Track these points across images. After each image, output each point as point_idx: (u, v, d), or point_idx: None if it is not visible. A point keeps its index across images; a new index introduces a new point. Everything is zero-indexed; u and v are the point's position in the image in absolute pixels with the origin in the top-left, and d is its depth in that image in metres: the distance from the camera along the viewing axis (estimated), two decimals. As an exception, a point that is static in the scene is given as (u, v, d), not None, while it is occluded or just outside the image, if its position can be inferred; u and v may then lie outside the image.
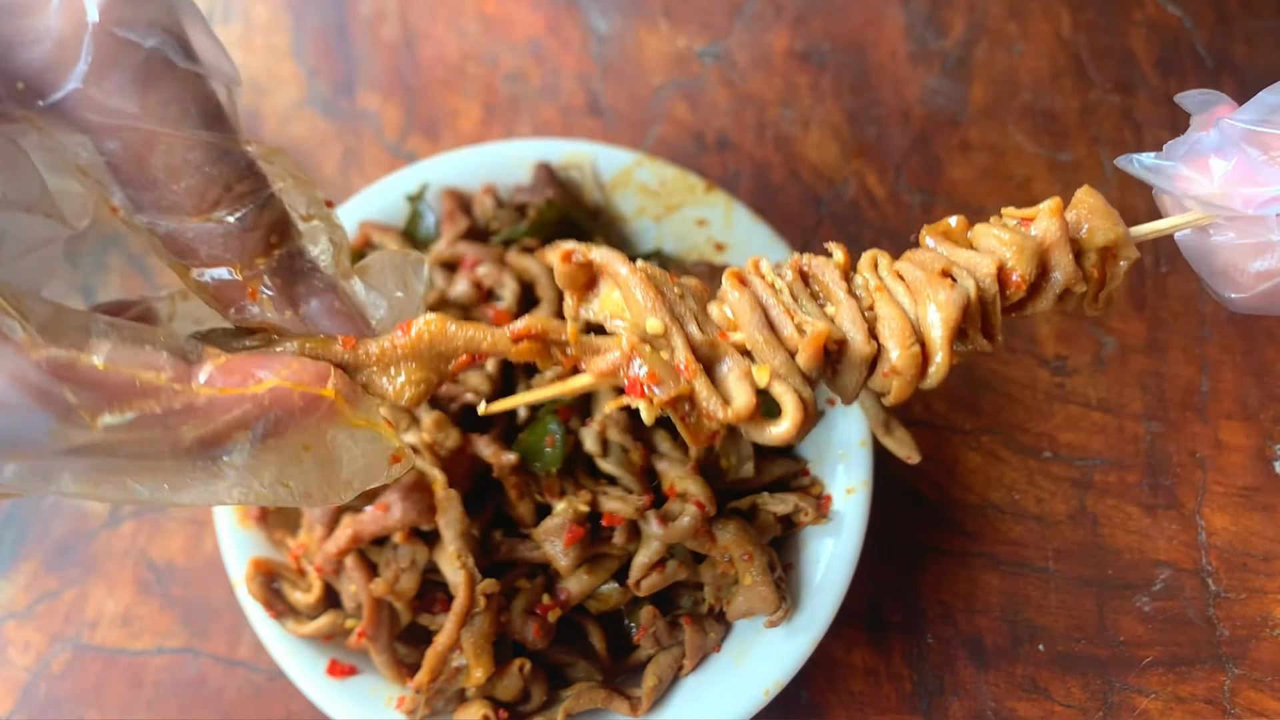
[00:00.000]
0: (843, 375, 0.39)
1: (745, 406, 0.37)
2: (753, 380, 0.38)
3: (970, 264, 0.40)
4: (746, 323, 0.38)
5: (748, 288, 0.39)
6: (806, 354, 0.38)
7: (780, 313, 0.39)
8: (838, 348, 0.39)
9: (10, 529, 0.70)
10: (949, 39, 0.82)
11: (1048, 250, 0.40)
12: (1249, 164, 0.39)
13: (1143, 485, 0.69)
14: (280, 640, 0.59)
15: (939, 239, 0.41)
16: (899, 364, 0.38)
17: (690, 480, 0.56)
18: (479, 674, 0.54)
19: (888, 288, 0.39)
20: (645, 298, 0.38)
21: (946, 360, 0.38)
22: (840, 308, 0.39)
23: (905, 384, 0.38)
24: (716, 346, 0.38)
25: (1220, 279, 0.42)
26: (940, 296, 0.38)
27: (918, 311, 0.39)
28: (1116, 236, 0.40)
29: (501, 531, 0.58)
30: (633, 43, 0.83)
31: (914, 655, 0.66)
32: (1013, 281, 0.39)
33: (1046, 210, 0.40)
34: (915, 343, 0.38)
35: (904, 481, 0.69)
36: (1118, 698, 0.64)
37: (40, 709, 0.66)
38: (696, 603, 0.60)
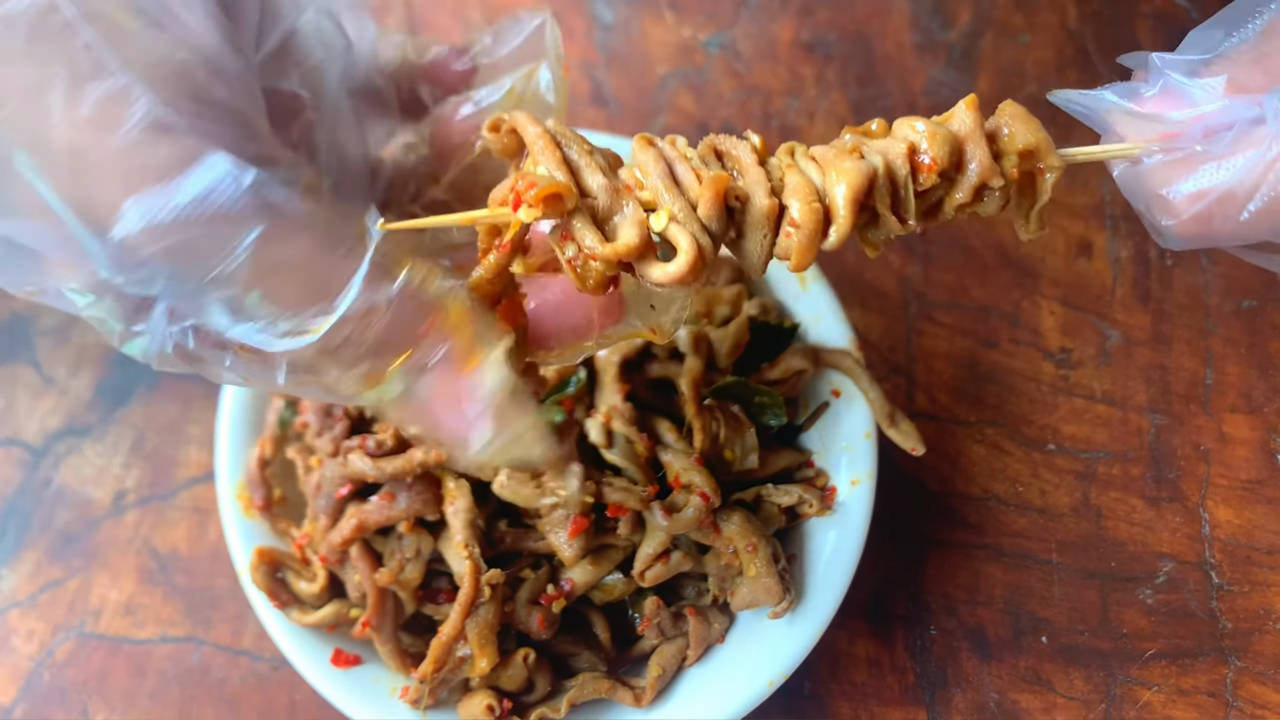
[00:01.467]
0: (747, 238, 0.39)
1: (626, 245, 0.37)
2: (645, 224, 0.37)
3: (882, 146, 0.39)
4: (649, 174, 0.38)
5: (654, 147, 0.39)
6: (706, 199, 0.37)
7: (686, 170, 0.38)
8: (740, 204, 0.38)
9: (14, 518, 0.70)
10: (955, 30, 0.82)
11: (963, 141, 0.39)
12: (1175, 88, 0.39)
13: (1146, 478, 0.69)
14: (285, 630, 0.59)
15: (857, 135, 0.41)
16: (799, 217, 0.38)
17: (695, 471, 0.56)
18: (483, 664, 0.54)
19: (798, 166, 0.39)
20: (544, 152, 0.38)
21: (849, 219, 0.38)
22: (748, 174, 0.39)
23: (806, 239, 0.38)
24: (619, 194, 0.38)
25: (1155, 206, 0.41)
26: (846, 164, 0.38)
27: (824, 182, 0.39)
28: (1038, 140, 0.39)
29: (506, 522, 0.58)
30: (637, 33, 0.83)
31: (917, 647, 0.66)
32: (924, 165, 0.39)
33: (962, 105, 0.40)
34: (817, 200, 0.38)
35: (908, 474, 0.69)
36: (1120, 690, 0.64)
37: (44, 698, 0.66)
38: (701, 594, 0.60)
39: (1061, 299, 0.74)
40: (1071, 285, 0.74)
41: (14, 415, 0.73)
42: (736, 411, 0.60)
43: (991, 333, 0.73)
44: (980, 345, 0.73)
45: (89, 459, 0.72)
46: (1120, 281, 0.74)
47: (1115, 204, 0.76)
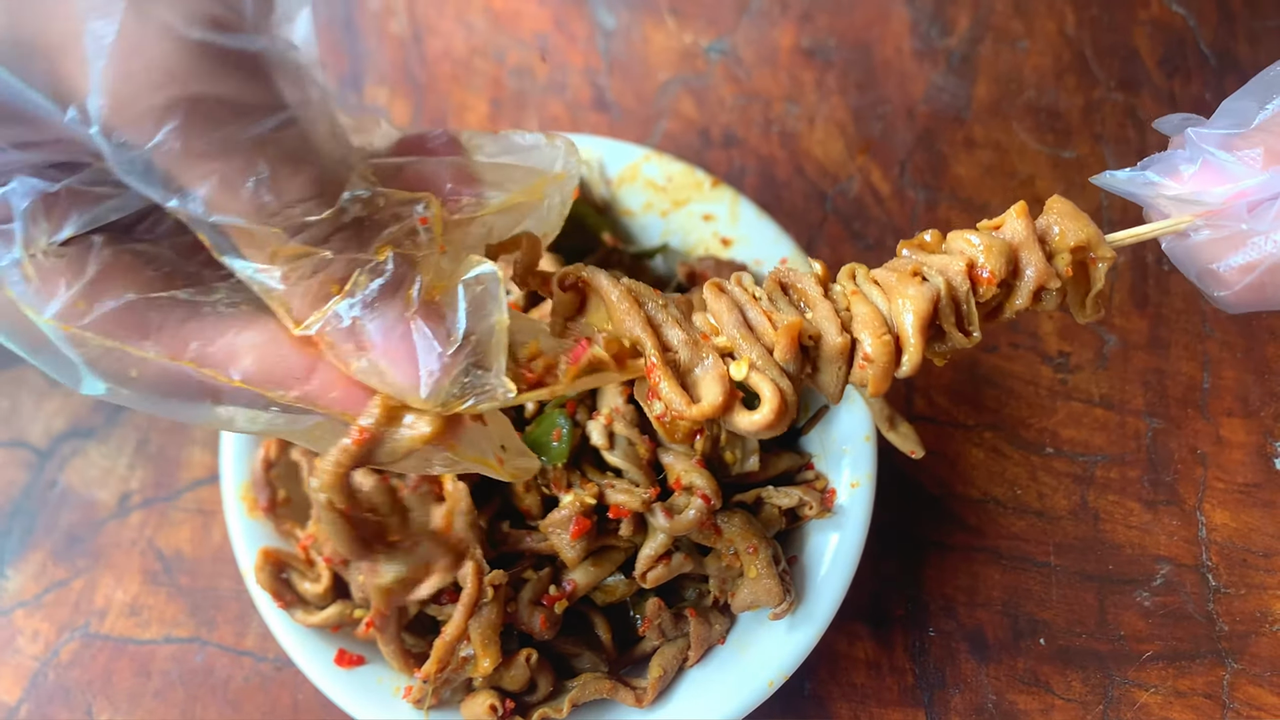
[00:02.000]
0: (822, 371, 0.41)
1: (711, 405, 0.38)
2: (728, 378, 0.39)
3: (941, 264, 0.41)
4: (725, 323, 0.40)
5: (726, 294, 0.41)
6: (782, 345, 0.39)
7: (758, 314, 0.40)
8: (813, 342, 0.40)
9: (19, 519, 0.71)
10: (954, 36, 0.83)
11: (1017, 249, 0.41)
12: (1215, 164, 0.40)
13: (1144, 481, 0.70)
14: (289, 630, 0.59)
15: (914, 249, 0.43)
16: (872, 351, 0.39)
17: (696, 473, 0.57)
18: (486, 664, 0.54)
19: (863, 291, 0.41)
20: (623, 307, 0.40)
21: (919, 347, 0.39)
22: (817, 308, 0.41)
23: (881, 371, 0.40)
24: (698, 346, 0.40)
25: (1207, 279, 0.42)
26: (910, 291, 0.40)
27: (891, 308, 0.40)
28: (1088, 236, 0.41)
29: (509, 523, 0.59)
30: (639, 38, 0.84)
31: (916, 648, 0.66)
32: (983, 279, 0.40)
33: (1013, 213, 0.42)
34: (887, 332, 0.40)
35: (907, 476, 0.70)
36: (1118, 691, 0.65)
37: (49, 697, 0.66)
38: (701, 595, 0.61)
39: (1060, 303, 0.74)
40: (1069, 290, 0.75)
41: (19, 417, 0.74)
42: (737, 414, 0.61)
43: (990, 337, 0.73)
44: (979, 349, 0.73)
45: (94, 460, 0.72)
46: (1118, 286, 0.75)
47: (1113, 209, 0.77)
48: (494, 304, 0.36)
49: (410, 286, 0.36)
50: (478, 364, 0.36)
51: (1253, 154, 0.40)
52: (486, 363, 0.36)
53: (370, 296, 0.35)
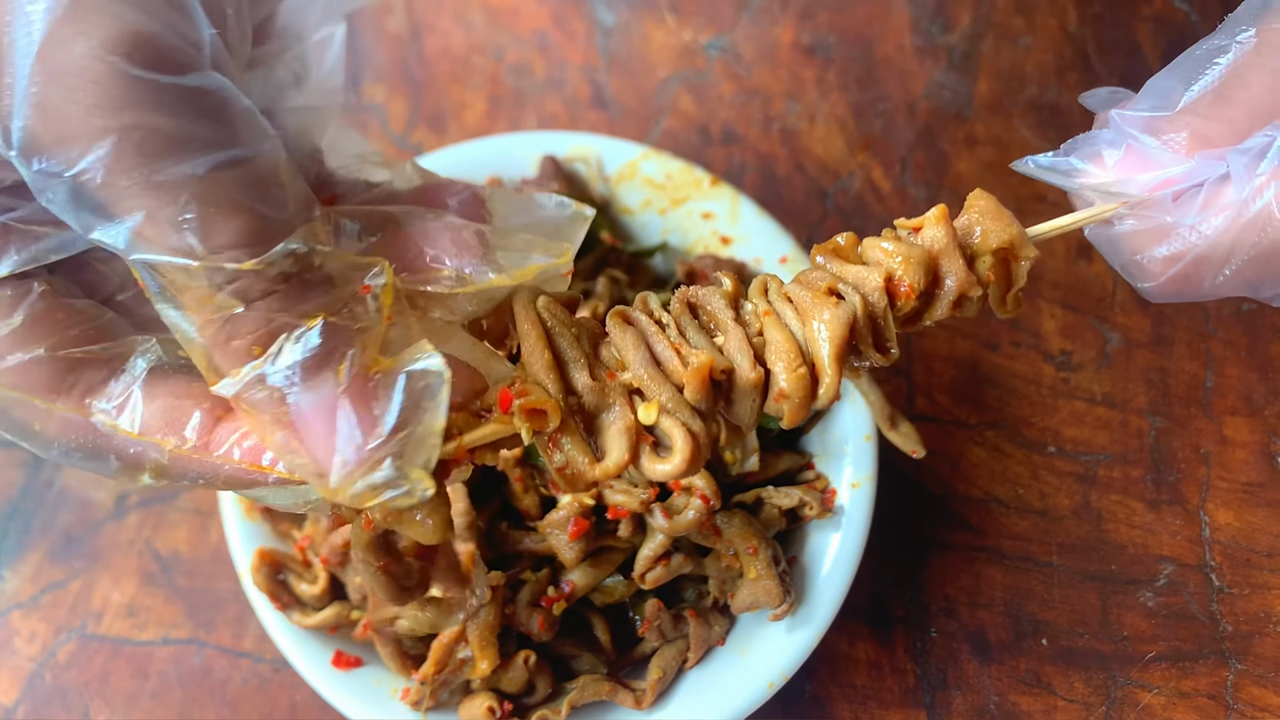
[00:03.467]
0: (736, 404, 0.39)
1: (615, 464, 0.36)
2: (634, 429, 0.37)
3: (857, 279, 0.39)
4: (632, 361, 0.38)
5: (632, 326, 0.39)
6: (692, 385, 0.37)
7: (665, 347, 0.38)
8: (725, 377, 0.38)
9: (16, 520, 0.70)
10: (955, 33, 0.82)
11: (937, 257, 0.39)
12: (1141, 149, 0.39)
13: (1147, 480, 0.69)
14: (286, 631, 0.59)
15: (828, 256, 0.41)
16: (787, 387, 0.38)
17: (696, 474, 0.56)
18: (484, 666, 0.54)
19: (775, 311, 0.39)
20: (534, 353, 0.37)
21: (835, 379, 0.38)
22: (728, 336, 0.39)
23: (796, 407, 0.38)
24: (604, 392, 0.38)
25: (1132, 270, 0.41)
26: (825, 315, 0.38)
27: (805, 333, 0.38)
28: (1011, 237, 0.40)
29: (507, 524, 0.58)
30: (638, 36, 0.83)
31: (917, 649, 0.66)
32: (901, 292, 0.39)
33: (932, 218, 0.40)
34: (802, 364, 0.38)
35: (908, 476, 0.69)
36: (1121, 692, 0.64)
37: (46, 698, 0.66)
38: (701, 596, 0.61)
39: (1062, 302, 0.74)
40: (1071, 288, 0.74)
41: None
42: (737, 414, 0.61)
43: (992, 335, 0.73)
44: (981, 348, 0.73)
45: (91, 461, 0.72)
46: (1120, 284, 0.74)
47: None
48: (433, 404, 0.33)
49: (341, 361, 0.33)
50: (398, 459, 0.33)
51: (1178, 138, 0.38)
52: (410, 460, 0.33)
53: (295, 365, 0.32)
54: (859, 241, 0.41)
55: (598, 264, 0.66)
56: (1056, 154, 0.41)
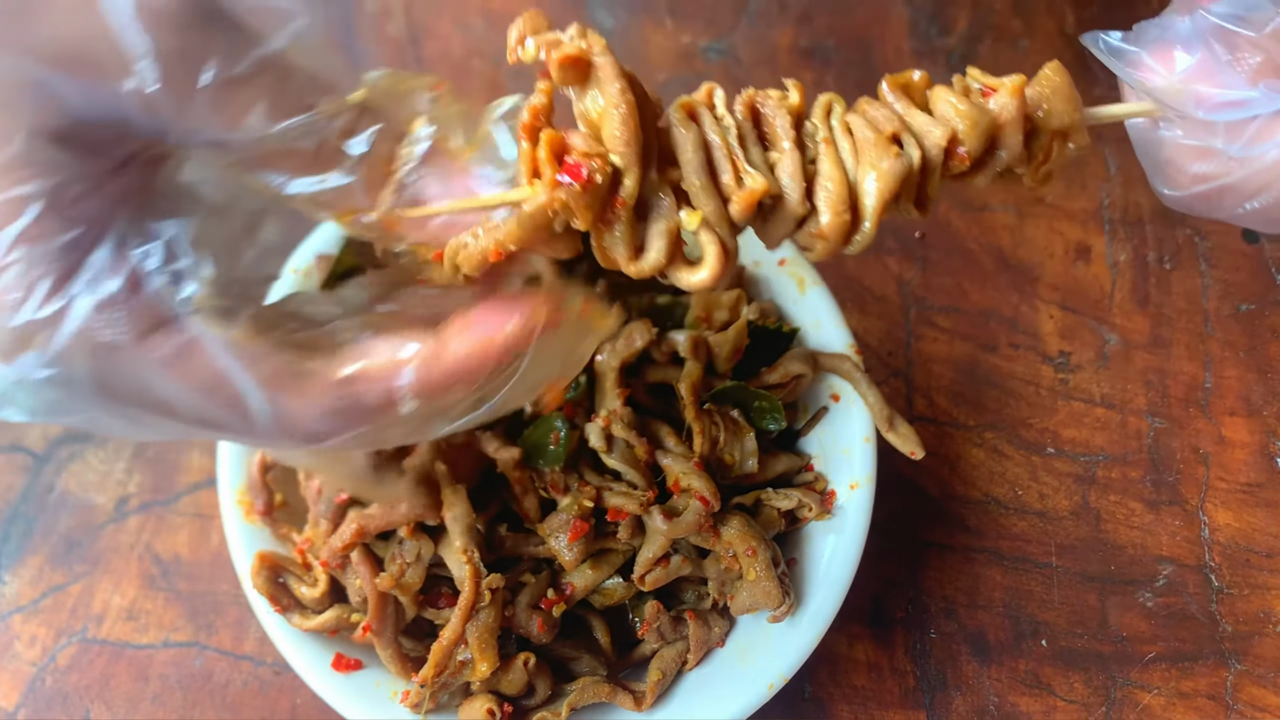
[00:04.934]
0: (771, 226, 0.39)
1: (653, 265, 0.38)
2: (675, 234, 0.38)
3: (921, 130, 0.39)
4: (686, 163, 0.38)
5: (695, 124, 0.38)
6: (740, 206, 0.38)
7: (722, 155, 0.38)
8: (772, 202, 0.38)
9: (17, 523, 0.71)
10: (953, 35, 0.82)
11: (1001, 127, 0.39)
12: (1212, 61, 0.38)
13: (1146, 481, 0.69)
14: (286, 634, 0.59)
15: (898, 93, 0.40)
16: (826, 229, 0.38)
17: (694, 476, 0.56)
18: (484, 668, 0.54)
19: (835, 142, 0.39)
20: (624, 129, 0.37)
21: (873, 229, 0.38)
22: (784, 158, 0.39)
23: (829, 248, 0.39)
24: (657, 186, 0.38)
25: (1160, 173, 0.41)
26: (883, 165, 0.38)
27: (858, 174, 0.38)
28: (1073, 121, 0.39)
29: (506, 526, 0.58)
30: (638, 39, 0.83)
31: (917, 650, 0.66)
32: (958, 154, 0.39)
33: (1009, 86, 0.39)
34: (847, 210, 0.38)
35: (907, 477, 0.69)
36: (1120, 693, 0.64)
37: (46, 702, 0.66)
38: (700, 598, 0.61)
39: (1060, 303, 0.74)
40: (1070, 289, 0.74)
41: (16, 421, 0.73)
42: (736, 416, 0.61)
43: (990, 337, 0.73)
44: (979, 349, 0.73)
45: (91, 465, 0.72)
46: (1118, 285, 0.74)
47: (1113, 208, 0.77)
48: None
49: (450, 143, 0.39)
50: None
51: (1252, 60, 0.37)
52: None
53: (422, 160, 0.38)
54: (930, 84, 0.40)
55: (597, 266, 0.66)
56: (1127, 37, 0.41)
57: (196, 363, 0.36)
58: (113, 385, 0.35)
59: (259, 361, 0.36)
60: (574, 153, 0.37)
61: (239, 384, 0.36)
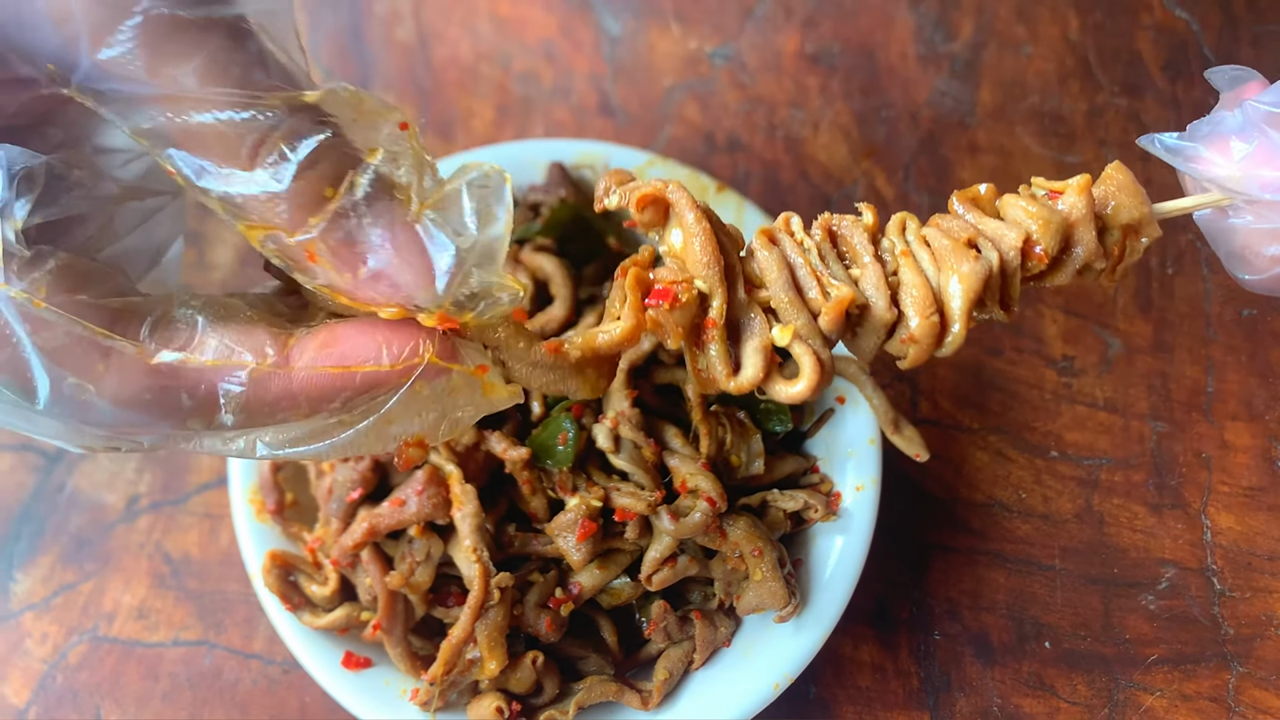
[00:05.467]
0: (862, 338, 0.41)
1: (750, 380, 0.39)
2: (770, 349, 0.39)
3: (996, 235, 0.40)
4: (773, 282, 0.40)
5: (777, 247, 0.40)
6: (829, 317, 0.39)
7: (807, 274, 0.40)
8: (860, 311, 0.40)
9: (28, 523, 0.71)
10: (958, 41, 0.83)
11: (1072, 226, 0.40)
12: (1270, 147, 0.39)
13: (1149, 485, 0.70)
14: (296, 632, 0.59)
15: (968, 205, 0.42)
16: (917, 332, 0.39)
17: (701, 476, 0.57)
18: (492, 666, 0.55)
19: (913, 253, 0.40)
20: (704, 253, 0.39)
21: (963, 331, 0.39)
22: (865, 271, 0.40)
23: (921, 351, 0.40)
24: (748, 304, 0.40)
25: (1236, 260, 0.42)
26: (964, 268, 0.39)
27: (940, 280, 0.40)
28: (1141, 215, 0.41)
29: (515, 526, 0.59)
30: (644, 44, 0.84)
31: (921, 652, 0.66)
32: (1035, 254, 0.40)
33: (1075, 186, 0.41)
34: (935, 312, 0.39)
35: (912, 480, 0.70)
36: (1123, 695, 0.65)
37: (57, 700, 0.67)
38: (707, 598, 0.61)
39: (1064, 307, 0.74)
40: (1073, 294, 0.75)
41: None
42: (742, 417, 0.61)
43: (994, 340, 0.74)
44: (983, 353, 0.73)
45: (102, 464, 0.73)
46: (1122, 290, 0.75)
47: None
48: (500, 207, 0.34)
49: (407, 189, 0.34)
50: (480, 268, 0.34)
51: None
52: (489, 269, 0.34)
53: (370, 197, 0.33)
54: (998, 195, 0.42)
55: (604, 269, 0.67)
56: (1182, 136, 0.42)
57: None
58: None
59: (47, 328, 0.31)
60: (660, 282, 0.38)
61: (21, 350, 0.31)
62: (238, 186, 0.32)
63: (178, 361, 0.32)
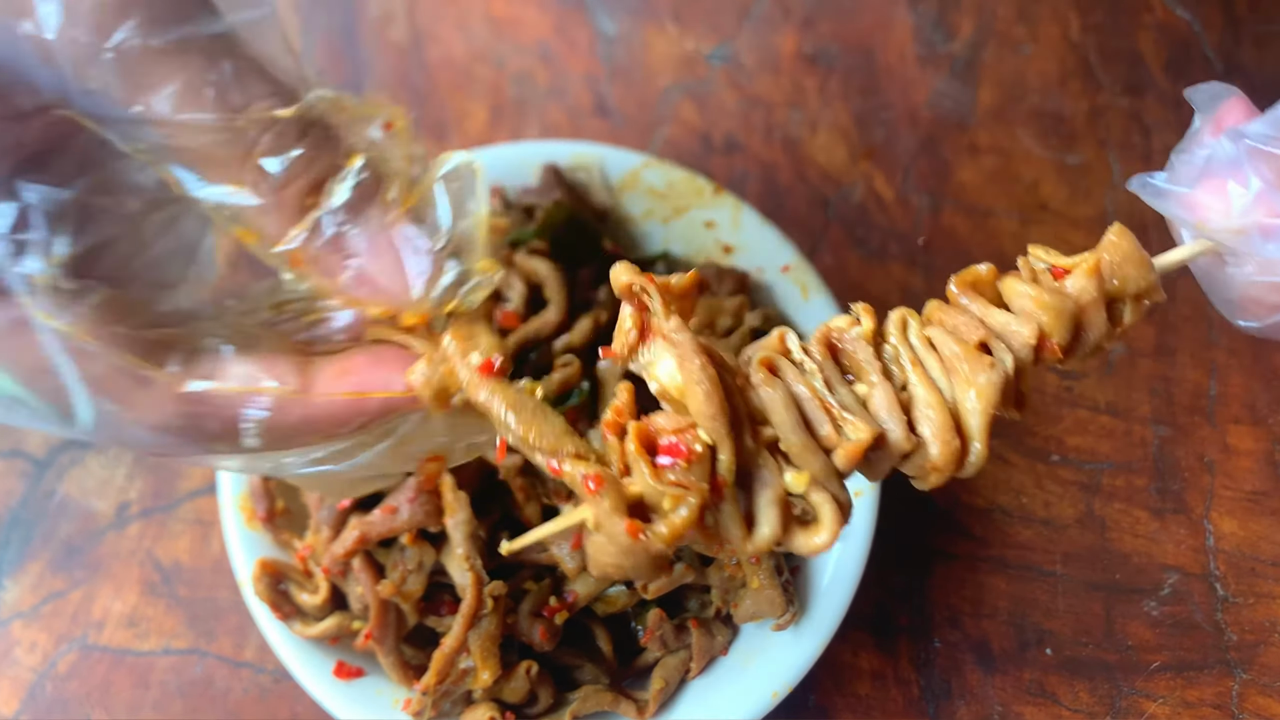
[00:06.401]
0: (876, 465, 0.38)
1: (767, 541, 0.36)
2: (784, 500, 0.36)
3: (1005, 332, 0.38)
4: (781, 424, 0.36)
5: (779, 380, 0.37)
6: (845, 458, 0.36)
7: (815, 407, 0.37)
8: (875, 442, 0.37)
9: (17, 529, 0.70)
10: (957, 41, 0.82)
11: (1083, 311, 0.39)
12: (1269, 195, 0.37)
13: (1151, 489, 0.69)
14: (287, 641, 0.59)
15: (969, 293, 0.40)
16: (939, 460, 0.37)
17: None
18: (486, 676, 0.54)
19: (922, 362, 0.38)
20: (710, 404, 0.35)
21: (985, 450, 0.37)
22: (874, 393, 0.37)
23: (943, 477, 0.37)
24: (757, 449, 0.36)
25: (1233, 307, 0.41)
26: (980, 380, 0.37)
27: (955, 393, 0.37)
28: (1149, 284, 0.39)
29: (508, 534, 0.58)
30: (640, 45, 0.83)
31: (921, 659, 0.66)
32: (1049, 348, 0.38)
33: (1084, 269, 0.39)
34: (954, 436, 0.37)
35: (911, 485, 0.69)
36: (1125, 702, 0.64)
37: (46, 709, 0.66)
38: (704, 606, 0.60)
39: (1065, 310, 0.74)
40: (1075, 296, 0.74)
41: (17, 426, 0.73)
42: (739, 423, 0.60)
43: (995, 344, 0.73)
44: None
45: (92, 471, 0.72)
46: (1123, 292, 0.74)
47: (1117, 214, 0.76)
48: (472, 199, 0.36)
49: (387, 192, 0.35)
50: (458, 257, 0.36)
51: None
52: (470, 253, 0.36)
53: (349, 204, 0.35)
54: (998, 275, 0.40)
55: (600, 273, 0.66)
56: (1172, 178, 0.40)
57: (20, 344, 0.32)
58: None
59: (90, 359, 0.33)
60: (663, 434, 0.35)
61: (64, 378, 0.33)
62: (223, 198, 0.34)
63: (205, 390, 0.34)
